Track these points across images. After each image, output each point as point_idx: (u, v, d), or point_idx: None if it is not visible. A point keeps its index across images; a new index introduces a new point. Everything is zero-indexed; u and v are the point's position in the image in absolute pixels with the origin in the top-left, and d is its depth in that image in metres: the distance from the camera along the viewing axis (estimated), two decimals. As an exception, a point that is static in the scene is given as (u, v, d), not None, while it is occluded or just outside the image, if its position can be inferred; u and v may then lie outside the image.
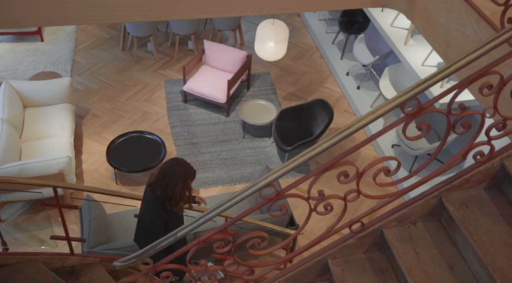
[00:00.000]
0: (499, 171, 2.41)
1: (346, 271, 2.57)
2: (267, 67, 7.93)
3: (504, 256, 2.21)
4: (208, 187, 6.27)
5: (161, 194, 3.31)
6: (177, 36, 7.89)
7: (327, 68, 7.94)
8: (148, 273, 2.41)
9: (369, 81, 7.47)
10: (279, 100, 7.39)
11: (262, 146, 6.77)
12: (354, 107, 7.18)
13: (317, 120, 6.40)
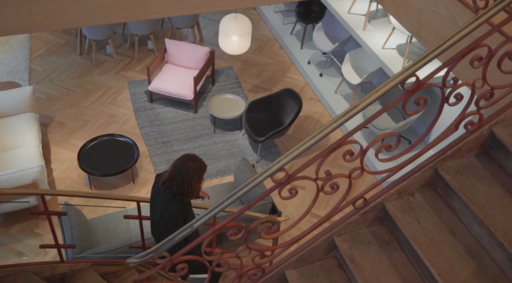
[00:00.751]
0: (488, 138, 2.58)
1: (352, 246, 2.68)
2: (229, 62, 7.98)
3: (503, 216, 2.37)
4: (184, 184, 6.26)
5: (177, 189, 3.36)
6: (135, 37, 7.81)
7: (288, 58, 8.07)
8: (165, 266, 2.44)
9: (330, 68, 7.65)
10: (246, 93, 7.46)
11: (234, 139, 6.82)
12: (319, 94, 7.34)
13: (287, 109, 6.51)
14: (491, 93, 2.36)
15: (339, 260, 2.82)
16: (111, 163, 6.05)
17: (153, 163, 6.48)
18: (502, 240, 2.28)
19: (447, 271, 2.38)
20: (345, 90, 7.29)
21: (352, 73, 6.85)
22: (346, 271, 2.76)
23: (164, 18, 8.51)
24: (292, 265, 2.77)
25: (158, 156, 6.57)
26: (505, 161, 2.56)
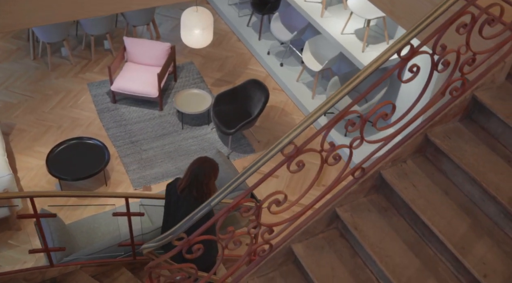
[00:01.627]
0: (470, 102, 2.77)
1: (354, 215, 2.81)
2: (189, 57, 7.99)
3: (492, 172, 2.57)
4: (159, 182, 6.27)
5: (197, 193, 3.46)
6: (91, 37, 7.68)
7: (248, 50, 8.16)
8: (183, 247, 2.48)
9: (290, 58, 7.80)
10: (209, 87, 7.50)
11: (203, 134, 6.86)
12: (282, 84, 7.48)
13: (254, 100, 6.60)
14: (473, 58, 2.54)
15: (340, 230, 2.95)
16: (81, 166, 5.96)
17: (124, 164, 6.42)
18: (494, 194, 2.47)
19: (446, 228, 2.55)
20: (306, 78, 7.46)
21: (313, 61, 7.03)
22: (349, 240, 2.89)
23: (118, 16, 8.41)
24: (298, 239, 2.88)
25: (128, 156, 6.52)
26: (487, 123, 2.76)
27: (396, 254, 2.65)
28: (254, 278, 2.92)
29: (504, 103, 2.66)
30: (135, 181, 6.26)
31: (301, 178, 6.33)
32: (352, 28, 6.39)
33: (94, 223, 5.24)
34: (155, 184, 6.24)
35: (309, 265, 2.79)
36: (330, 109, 6.38)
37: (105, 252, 4.48)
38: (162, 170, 6.40)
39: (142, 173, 6.35)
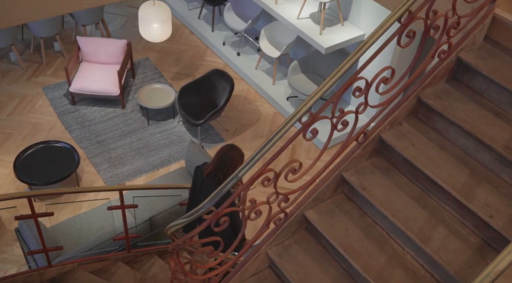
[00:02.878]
0: (455, 64, 3.02)
1: (360, 178, 3.00)
2: (144, 53, 7.95)
3: (484, 125, 2.83)
4: (132, 179, 6.24)
5: (223, 178, 3.63)
6: (40, 40, 7.47)
7: (202, 42, 8.22)
8: (212, 221, 2.57)
9: (245, 47, 7.93)
10: (169, 82, 7.50)
11: (170, 128, 6.87)
12: (241, 73, 7.60)
13: (218, 89, 6.69)
14: (458, 22, 2.78)
15: (346, 194, 3.13)
16: (51, 170, 5.84)
17: (93, 164, 6.34)
18: (490, 143, 2.73)
19: (449, 179, 2.79)
20: (264, 65, 7.62)
21: (271, 48, 7.19)
22: (356, 202, 3.08)
23: (65, 17, 8.21)
24: (310, 206, 3.03)
25: (97, 156, 6.44)
26: (471, 81, 3.03)
27: (404, 208, 2.86)
28: (271, 247, 3.05)
29: (486, 61, 2.93)
30: (108, 180, 6.20)
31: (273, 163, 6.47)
32: (307, 12, 6.59)
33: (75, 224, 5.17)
34: (130, 181, 6.21)
35: (324, 229, 2.95)
36: (295, 95, 6.54)
37: (98, 248, 4.46)
38: (134, 166, 6.37)
39: (114, 172, 6.29)
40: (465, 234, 2.74)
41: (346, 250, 2.86)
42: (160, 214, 5.11)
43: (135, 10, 8.63)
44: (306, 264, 3.00)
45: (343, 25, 6.48)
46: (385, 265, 2.81)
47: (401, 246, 2.88)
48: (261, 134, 6.85)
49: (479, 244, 2.70)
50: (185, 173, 5.91)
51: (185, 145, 6.67)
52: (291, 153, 6.61)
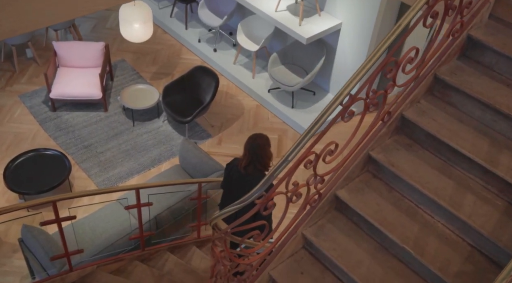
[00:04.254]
0: (466, 41, 3.22)
1: (387, 155, 3.16)
2: (119, 55, 7.87)
3: (499, 95, 3.04)
4: (124, 180, 6.21)
5: (261, 165, 3.86)
6: (12, 47, 7.27)
7: (176, 41, 8.21)
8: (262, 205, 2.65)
9: (221, 43, 7.99)
10: (149, 82, 7.47)
11: (156, 128, 6.86)
12: (220, 69, 7.66)
13: (202, 86, 6.73)
14: (470, 2, 2.98)
15: (372, 172, 3.28)
16: (43, 179, 5.75)
17: (83, 169, 6.26)
18: (508, 112, 2.94)
19: (472, 148, 2.98)
20: (242, 59, 7.71)
21: (248, 42, 7.29)
22: (382, 178, 3.24)
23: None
24: (340, 186, 3.16)
25: (86, 161, 6.36)
26: (481, 57, 3.24)
27: (432, 179, 3.04)
28: (306, 228, 3.16)
29: (495, 37, 3.15)
30: (100, 184, 6.14)
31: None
32: (283, 5, 6.73)
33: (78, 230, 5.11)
34: (122, 183, 6.18)
35: (357, 206, 3.09)
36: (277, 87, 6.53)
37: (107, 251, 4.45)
38: (125, 168, 6.33)
39: (105, 175, 6.23)
40: (491, 198, 2.94)
41: (382, 224, 3.01)
42: (163, 211, 5.13)
43: (105, 12, 8.53)
44: (342, 241, 3.13)
45: (320, 15, 6.65)
46: (419, 234, 2.97)
47: (430, 215, 3.05)
48: (247, 127, 6.95)
49: (506, 207, 2.90)
50: (180, 170, 5.93)
51: (173, 143, 6.68)
52: (278, 144, 6.74)
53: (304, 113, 6.96)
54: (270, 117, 7.09)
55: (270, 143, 3.97)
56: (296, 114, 6.94)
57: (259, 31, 7.33)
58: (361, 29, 6.36)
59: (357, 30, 6.44)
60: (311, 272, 3.16)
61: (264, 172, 3.93)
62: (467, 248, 2.91)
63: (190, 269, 4.55)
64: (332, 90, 7.21)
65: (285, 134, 6.86)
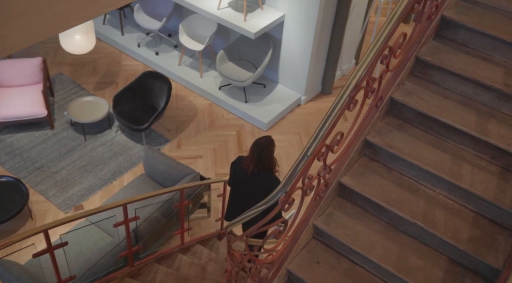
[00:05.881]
0: (440, 22, 3.40)
1: (383, 138, 3.28)
2: (55, 69, 7.50)
3: (479, 69, 3.25)
4: (87, 198, 5.97)
5: (268, 166, 4.05)
6: None
7: (114, 48, 7.95)
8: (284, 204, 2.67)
9: (162, 45, 7.83)
10: (92, 93, 7.19)
11: (109, 139, 6.63)
12: (164, 72, 7.50)
13: (154, 91, 6.58)
14: (443, -15, 3.15)
15: (368, 156, 3.40)
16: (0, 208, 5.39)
17: (40, 192, 5.94)
18: (490, 84, 3.16)
19: (462, 121, 3.18)
20: (186, 60, 7.62)
21: (192, 42, 7.21)
22: (380, 160, 3.36)
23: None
24: (343, 173, 3.25)
25: (41, 183, 6.04)
26: (454, 35, 3.44)
27: (429, 155, 3.20)
28: (316, 218, 3.22)
29: (467, 15, 3.35)
30: (61, 205, 5.86)
31: (224, 153, 6.59)
32: (224, 2, 6.72)
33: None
34: (85, 201, 5.93)
35: (363, 190, 3.19)
36: (228, 84, 6.56)
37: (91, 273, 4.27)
38: (85, 185, 6.08)
39: (65, 195, 5.96)
40: (485, 165, 3.15)
41: (390, 204, 3.13)
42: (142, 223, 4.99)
43: (32, 25, 8.05)
44: (352, 226, 3.22)
45: (262, 9, 6.71)
46: (426, 208, 3.13)
47: (432, 189, 3.22)
48: (204, 126, 6.90)
49: (500, 171, 3.12)
50: (146, 180, 5.79)
51: (131, 153, 6.50)
52: (238, 140, 6.75)
53: (258, 106, 7.01)
54: (225, 114, 7.07)
55: (274, 143, 4.09)
56: (251, 108, 6.98)
57: (202, 30, 7.27)
58: (304, 19, 6.50)
59: (300, 20, 6.57)
60: (326, 260, 3.23)
61: (270, 172, 4.09)
62: (471, 215, 3.10)
63: (182, 277, 4.47)
64: (281, 81, 7.31)
65: (243, 129, 6.88)
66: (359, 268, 3.19)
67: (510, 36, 3.25)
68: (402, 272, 2.99)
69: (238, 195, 4.28)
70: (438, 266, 3.02)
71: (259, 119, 6.87)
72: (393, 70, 3.13)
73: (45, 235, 3.25)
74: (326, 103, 7.23)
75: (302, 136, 6.78)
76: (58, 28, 3.12)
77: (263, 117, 6.88)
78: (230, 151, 6.60)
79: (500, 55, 3.33)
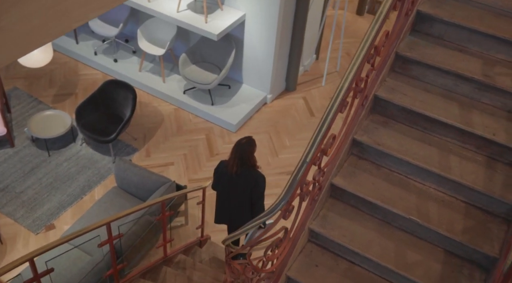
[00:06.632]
0: (416, 17, 3.44)
1: (370, 135, 3.30)
2: (9, 84, 7.16)
3: (458, 62, 3.31)
4: (58, 216, 5.75)
5: (250, 163, 4.15)
6: None
7: (69, 57, 7.67)
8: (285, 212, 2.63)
9: (120, 51, 7.62)
10: (52, 106, 6.92)
11: (75, 153, 6.40)
12: (125, 79, 7.27)
13: (118, 100, 6.39)
14: (418, -19, 3.18)
15: (356, 155, 3.40)
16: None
17: (7, 214, 5.67)
18: (471, 75, 3.21)
19: (446, 114, 3.23)
20: (146, 65, 7.44)
21: (152, 47, 7.04)
22: (368, 158, 3.38)
23: None
24: (335, 174, 3.24)
25: (7, 205, 5.76)
26: (430, 29, 3.48)
27: (417, 150, 3.23)
28: (311, 222, 3.20)
29: (441, 9, 3.40)
30: (31, 226, 5.62)
31: (195, 157, 6.48)
32: (183, 4, 6.59)
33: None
34: (56, 219, 5.71)
35: (355, 189, 3.20)
36: (192, 87, 6.46)
37: None
38: (54, 203, 5.85)
39: (34, 216, 5.71)
40: (471, 156, 3.22)
41: (383, 201, 3.15)
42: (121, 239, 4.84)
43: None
44: (347, 226, 3.22)
45: (222, 9, 6.63)
46: (418, 203, 3.16)
47: (421, 183, 3.26)
48: (171, 132, 6.76)
49: (486, 161, 3.19)
50: (120, 192, 5.62)
51: (98, 165, 6.30)
52: (208, 143, 6.65)
53: (225, 108, 6.94)
54: (192, 118, 6.96)
55: (255, 143, 4.18)
56: (218, 110, 6.89)
57: (161, 34, 7.11)
58: (265, 17, 6.46)
59: (262, 18, 6.53)
60: (325, 262, 3.22)
61: (253, 170, 4.18)
62: (462, 205, 3.16)
63: (169, 290, 4.37)
64: (246, 81, 7.25)
65: (211, 132, 6.79)
66: (358, 267, 3.20)
67: (485, 27, 3.33)
68: (402, 268, 3.02)
69: (225, 197, 4.39)
70: (435, 259, 3.06)
71: (228, 121, 6.80)
72: (377, 68, 3.14)
73: (31, 263, 3.08)
74: (292, 100, 7.23)
75: (271, 135, 6.76)
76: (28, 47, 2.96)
77: (232, 119, 6.81)
78: (201, 156, 6.50)
79: (476, 46, 3.40)
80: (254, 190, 4.19)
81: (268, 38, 6.64)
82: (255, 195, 4.22)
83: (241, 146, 4.12)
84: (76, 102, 6.91)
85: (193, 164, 6.42)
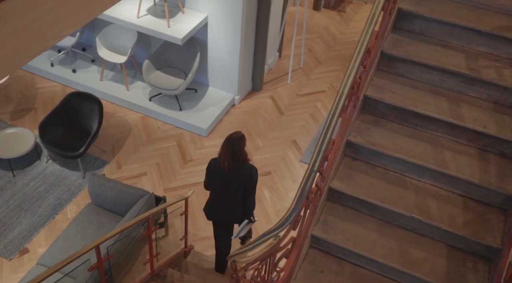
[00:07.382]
0: (396, 15, 3.45)
1: (362, 135, 3.29)
2: (-39, 102, 6.76)
3: (442, 57, 3.34)
4: (30, 239, 5.48)
5: (242, 157, 4.10)
6: None
7: (24, 70, 7.31)
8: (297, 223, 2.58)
9: (78, 61, 7.33)
10: (10, 123, 6.58)
11: (41, 171, 6.11)
12: (86, 89, 6.98)
13: (83, 112, 6.14)
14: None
15: (350, 156, 3.39)
16: None
17: (-24, 241, 5.35)
18: (457, 69, 3.26)
19: (437, 110, 3.26)
20: (107, 74, 7.19)
21: (113, 55, 6.81)
22: (362, 159, 3.37)
23: None
24: (332, 177, 3.22)
25: (-27, 231, 5.44)
26: (411, 26, 3.50)
27: (411, 147, 3.25)
28: (313, 228, 3.17)
29: (421, 6, 3.43)
30: (3, 252, 5.33)
31: (168, 166, 6.33)
32: (143, 9, 6.41)
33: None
34: (29, 243, 5.44)
35: (354, 192, 3.19)
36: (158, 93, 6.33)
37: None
38: (24, 226, 5.57)
39: (5, 240, 5.42)
40: (464, 149, 3.26)
41: (384, 201, 3.15)
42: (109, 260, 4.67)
43: None
44: (349, 229, 3.21)
45: (183, 12, 6.48)
46: (417, 200, 3.18)
47: (417, 180, 3.29)
48: (141, 142, 6.57)
49: (478, 153, 3.25)
50: (95, 209, 5.41)
51: (68, 182, 6.04)
52: (180, 150, 6.51)
53: (194, 113, 6.80)
54: (161, 125, 6.78)
55: (245, 137, 4.19)
56: (186, 115, 6.75)
57: (121, 41, 6.88)
58: (228, 17, 6.36)
59: (225, 19, 6.43)
60: (329, 267, 3.20)
61: (245, 164, 4.16)
62: (459, 199, 3.21)
63: (162, 307, 4.24)
64: (212, 84, 7.13)
65: (182, 139, 6.65)
66: (363, 269, 3.19)
67: (465, 21, 3.37)
68: (408, 267, 3.03)
69: (218, 194, 4.35)
70: (439, 254, 3.09)
71: (198, 125, 6.67)
72: (369, 67, 3.13)
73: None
74: (260, 100, 7.18)
75: (243, 137, 6.68)
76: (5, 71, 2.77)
77: (202, 123, 6.68)
78: (174, 163, 6.35)
79: (457, 40, 3.44)
80: (248, 182, 4.17)
81: (232, 38, 6.55)
82: (249, 188, 4.19)
83: (232, 141, 4.09)
84: (36, 117, 6.60)
85: (167, 172, 6.27)
